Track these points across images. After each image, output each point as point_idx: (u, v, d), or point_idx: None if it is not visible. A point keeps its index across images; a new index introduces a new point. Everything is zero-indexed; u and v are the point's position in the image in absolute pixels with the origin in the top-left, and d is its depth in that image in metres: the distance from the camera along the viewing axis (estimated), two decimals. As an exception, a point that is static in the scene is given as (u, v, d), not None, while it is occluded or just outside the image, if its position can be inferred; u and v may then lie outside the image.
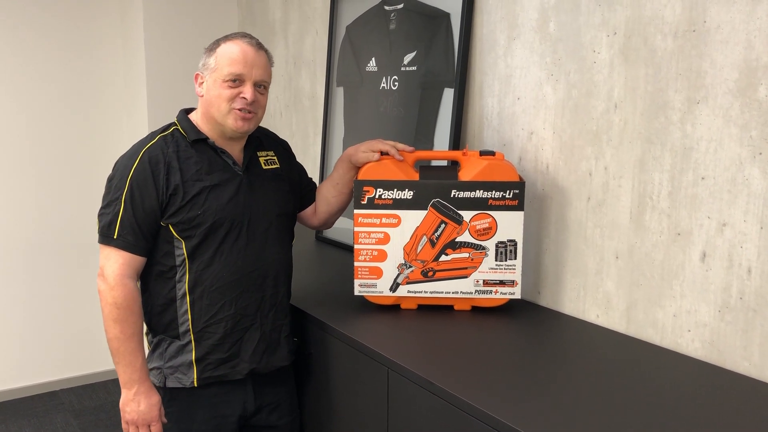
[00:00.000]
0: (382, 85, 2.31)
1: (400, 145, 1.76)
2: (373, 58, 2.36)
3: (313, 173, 2.66)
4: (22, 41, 3.36)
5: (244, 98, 1.57)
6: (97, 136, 3.58)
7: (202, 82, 1.62)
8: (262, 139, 1.75)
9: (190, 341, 1.62)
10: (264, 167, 1.72)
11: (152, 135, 1.64)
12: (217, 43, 1.61)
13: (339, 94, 2.57)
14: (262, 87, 1.62)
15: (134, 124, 3.53)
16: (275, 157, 1.76)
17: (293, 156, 1.86)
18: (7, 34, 3.32)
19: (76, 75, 3.50)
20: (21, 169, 3.43)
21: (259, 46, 1.62)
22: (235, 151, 1.66)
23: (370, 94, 2.37)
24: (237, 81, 1.57)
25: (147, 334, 1.70)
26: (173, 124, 1.67)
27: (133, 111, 3.54)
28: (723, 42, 1.39)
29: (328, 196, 1.85)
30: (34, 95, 3.42)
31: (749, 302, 1.39)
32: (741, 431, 1.16)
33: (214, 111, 1.59)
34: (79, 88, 3.52)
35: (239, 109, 1.57)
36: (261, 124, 1.73)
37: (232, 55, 1.57)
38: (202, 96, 1.62)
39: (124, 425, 1.62)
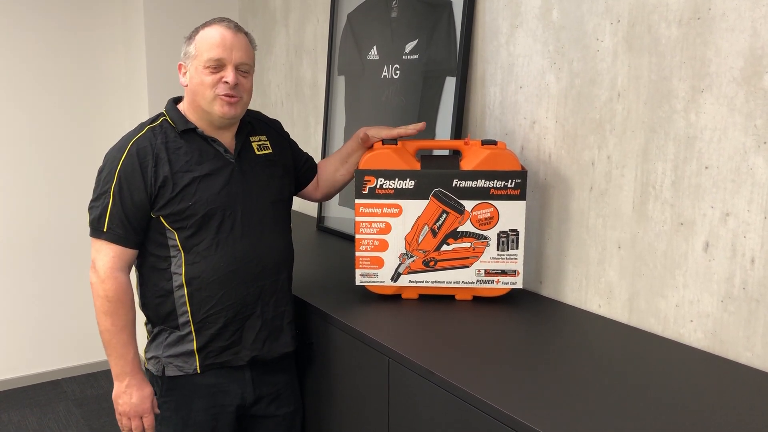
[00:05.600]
0: (384, 73, 2.29)
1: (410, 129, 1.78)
2: (375, 47, 2.34)
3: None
4: (24, 46, 3.37)
5: (226, 82, 1.56)
6: (99, 137, 3.58)
7: (185, 72, 1.61)
8: (254, 124, 1.74)
9: (191, 332, 1.62)
10: (257, 153, 1.70)
11: (141, 126, 1.63)
12: (195, 31, 1.60)
13: (340, 82, 2.56)
14: (244, 70, 1.61)
15: (135, 124, 3.52)
16: (267, 142, 1.74)
17: (286, 135, 1.84)
18: (9, 39, 3.33)
19: (78, 78, 3.51)
20: (25, 169, 3.47)
21: (238, 28, 1.60)
22: (226, 138, 1.65)
23: (372, 83, 2.35)
24: (218, 65, 1.56)
25: (146, 324, 1.70)
26: (162, 114, 1.65)
27: (134, 112, 3.53)
28: (728, 30, 1.38)
29: (336, 174, 1.88)
30: (36, 99, 3.44)
31: (752, 292, 1.39)
32: (743, 421, 1.16)
33: (200, 99, 1.58)
34: (81, 92, 3.53)
35: (223, 95, 1.56)
36: (263, 111, 1.72)
37: (210, 39, 1.56)
38: (187, 86, 1.61)
39: (117, 416, 1.64)
